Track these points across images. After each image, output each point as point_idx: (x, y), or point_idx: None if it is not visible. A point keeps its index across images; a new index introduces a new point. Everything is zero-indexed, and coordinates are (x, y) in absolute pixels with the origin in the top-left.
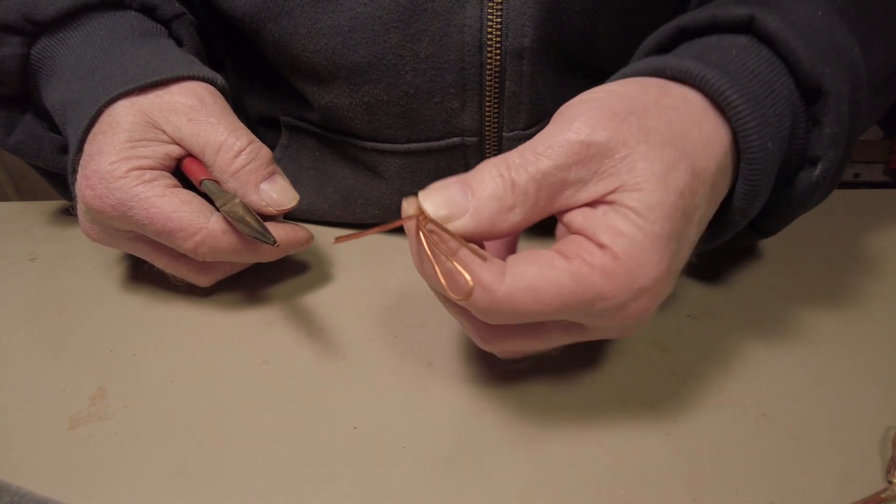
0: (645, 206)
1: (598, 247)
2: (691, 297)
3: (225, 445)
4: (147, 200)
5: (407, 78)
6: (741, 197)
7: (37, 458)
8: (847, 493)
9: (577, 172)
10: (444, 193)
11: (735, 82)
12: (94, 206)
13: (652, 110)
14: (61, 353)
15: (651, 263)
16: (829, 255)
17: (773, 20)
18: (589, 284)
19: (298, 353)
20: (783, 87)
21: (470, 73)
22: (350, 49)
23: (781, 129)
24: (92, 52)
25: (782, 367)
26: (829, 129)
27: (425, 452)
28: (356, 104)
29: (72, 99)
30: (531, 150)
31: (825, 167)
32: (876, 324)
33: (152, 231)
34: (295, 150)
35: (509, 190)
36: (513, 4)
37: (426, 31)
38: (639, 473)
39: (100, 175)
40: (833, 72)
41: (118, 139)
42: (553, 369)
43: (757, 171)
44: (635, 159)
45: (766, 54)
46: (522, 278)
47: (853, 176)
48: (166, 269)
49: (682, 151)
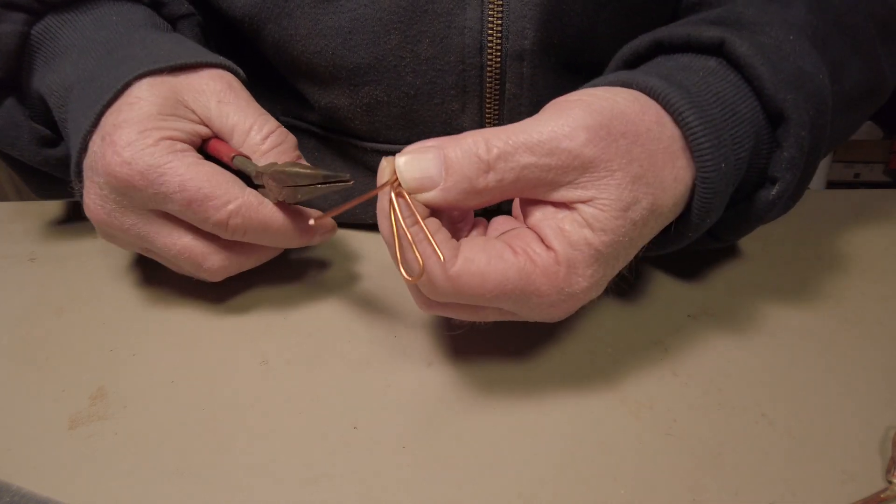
0: (601, 226)
1: (546, 248)
2: (691, 297)
3: (225, 445)
4: (180, 167)
5: (407, 79)
6: (695, 212)
7: (37, 458)
8: (847, 493)
9: (556, 176)
10: (420, 164)
11: (695, 104)
12: (120, 173)
13: (642, 138)
14: (61, 353)
15: (586, 275)
16: (830, 255)
17: (742, 45)
18: (530, 281)
19: (298, 353)
20: (747, 109)
21: (470, 74)
22: (350, 50)
23: (741, 150)
24: (106, 34)
25: (782, 367)
26: (788, 153)
27: (425, 452)
28: (356, 105)
29: (82, 78)
30: (516, 139)
31: (782, 188)
32: (876, 324)
33: (181, 200)
34: None
35: (482, 175)
36: (513, 6)
37: (426, 32)
38: (639, 473)
39: (128, 141)
40: (796, 98)
41: (147, 111)
42: (553, 369)
43: (710, 189)
44: (610, 183)
45: (733, 78)
46: (472, 263)
47: (853, 176)
48: (175, 259)
49: (651, 188)
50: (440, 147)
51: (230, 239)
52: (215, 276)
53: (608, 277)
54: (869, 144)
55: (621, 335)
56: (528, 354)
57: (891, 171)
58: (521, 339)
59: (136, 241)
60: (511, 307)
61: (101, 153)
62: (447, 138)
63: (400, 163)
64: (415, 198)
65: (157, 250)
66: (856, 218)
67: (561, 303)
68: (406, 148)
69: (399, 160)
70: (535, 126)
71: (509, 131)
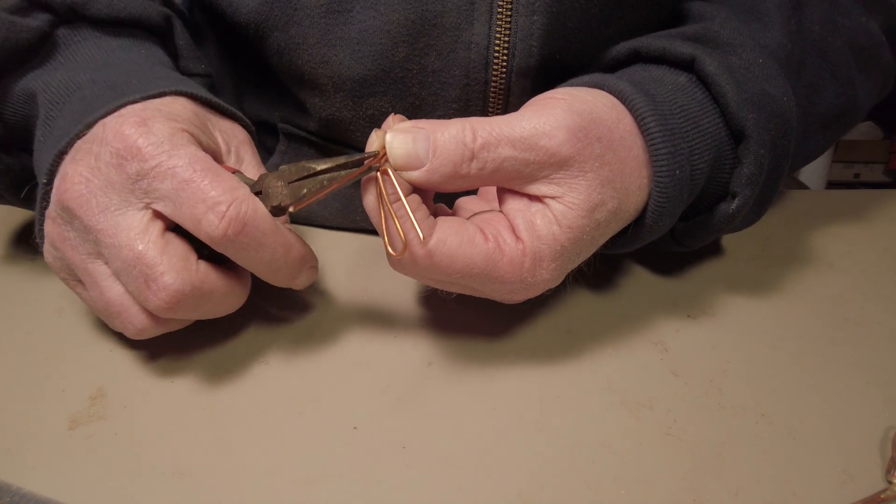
0: (567, 223)
1: (516, 238)
2: (691, 297)
3: (225, 445)
4: (194, 150)
5: (413, 90)
6: (649, 215)
7: (37, 458)
8: (847, 493)
9: (533, 170)
10: (409, 144)
11: (657, 113)
12: (131, 134)
13: (615, 144)
14: (61, 353)
15: (549, 269)
16: (829, 255)
17: (711, 63)
18: (495, 266)
19: (298, 353)
20: (709, 124)
21: (474, 90)
22: (358, 61)
23: (699, 161)
24: (133, 58)
25: (782, 367)
26: (748, 170)
27: (425, 452)
28: (359, 117)
29: (101, 82)
30: (500, 132)
31: (741, 202)
32: (875, 324)
33: (184, 176)
34: (293, 157)
35: (467, 161)
36: (521, 24)
37: (434, 45)
38: (639, 473)
39: (153, 118)
40: (758, 118)
41: (178, 112)
42: (553, 370)
43: (663, 194)
44: (581, 183)
45: (700, 95)
46: (444, 245)
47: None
48: (102, 303)
49: (617, 192)
50: (430, 129)
51: (218, 240)
52: (137, 333)
53: (567, 270)
54: (869, 144)
55: (621, 335)
56: (528, 354)
57: (891, 171)
58: (521, 339)
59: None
60: (474, 286)
61: (116, 123)
62: (436, 121)
63: (390, 138)
64: (399, 175)
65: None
66: (856, 218)
67: (521, 290)
68: (397, 125)
69: (389, 135)
70: (518, 121)
71: (494, 123)
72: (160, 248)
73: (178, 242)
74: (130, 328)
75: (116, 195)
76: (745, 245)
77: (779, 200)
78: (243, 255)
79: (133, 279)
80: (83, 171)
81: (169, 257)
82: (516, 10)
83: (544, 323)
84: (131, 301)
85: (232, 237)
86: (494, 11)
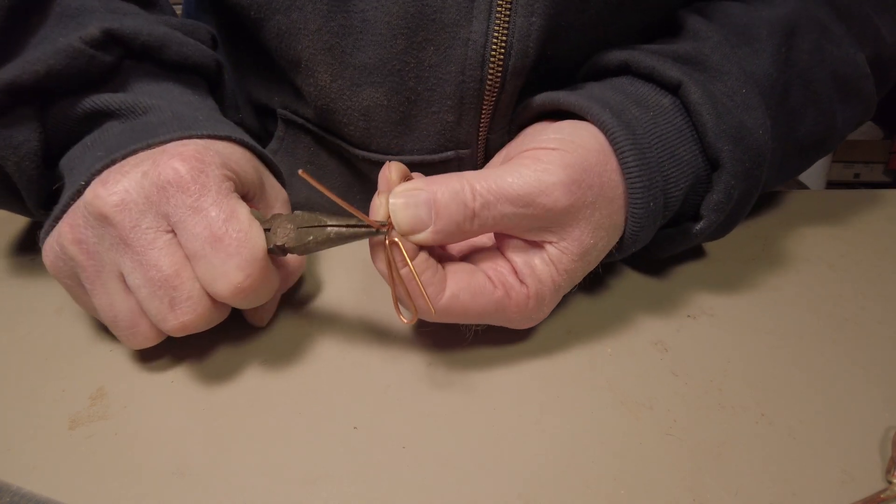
0: (563, 267)
1: (520, 282)
2: (691, 297)
3: (225, 445)
4: (236, 208)
5: (409, 84)
6: (625, 241)
7: (37, 458)
8: (847, 493)
9: (531, 223)
10: (412, 210)
11: (636, 146)
12: (176, 166)
13: (605, 188)
14: (61, 353)
15: (549, 305)
16: (829, 255)
17: (695, 92)
18: (504, 310)
19: (298, 353)
20: (686, 153)
21: (469, 86)
22: (358, 49)
23: (675, 189)
24: (190, 98)
25: (782, 367)
26: (717, 197)
27: (425, 452)
28: (353, 108)
29: (168, 109)
30: (499, 191)
31: (705, 225)
32: (876, 324)
33: (214, 232)
34: (291, 142)
35: (469, 219)
36: (519, 25)
37: (432, 40)
38: (639, 473)
39: (210, 162)
40: (733, 150)
41: (231, 162)
42: (553, 370)
43: (638, 224)
44: (575, 232)
45: (679, 122)
46: (457, 300)
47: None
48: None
49: (607, 231)
50: (429, 190)
51: (221, 299)
52: (138, 344)
53: (561, 296)
54: (869, 144)
55: (621, 335)
56: (528, 354)
57: (891, 171)
58: (521, 339)
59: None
60: (485, 322)
61: (176, 151)
62: (432, 180)
63: (392, 206)
64: (406, 239)
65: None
66: (856, 218)
67: (526, 322)
68: (396, 189)
69: (392, 202)
70: (515, 178)
71: (491, 181)
72: (188, 275)
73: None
74: (134, 340)
75: (151, 215)
76: (745, 245)
77: (779, 200)
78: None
79: (156, 299)
80: (125, 183)
81: (193, 283)
82: (515, 10)
83: (544, 323)
84: (141, 315)
85: (235, 301)
86: (493, 10)
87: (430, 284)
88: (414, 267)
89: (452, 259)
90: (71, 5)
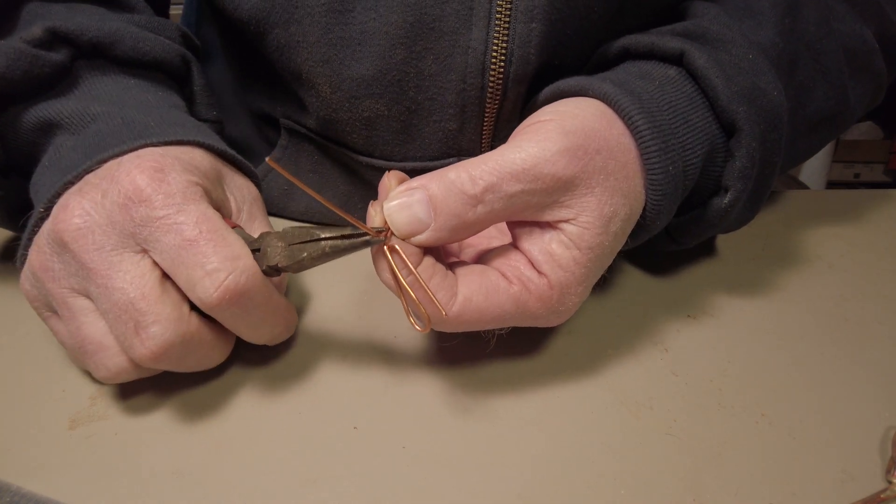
0: (587, 245)
1: (538, 273)
2: (691, 297)
3: (225, 445)
4: (204, 208)
5: (410, 94)
6: (648, 214)
7: (37, 458)
8: (847, 493)
9: (542, 199)
10: (407, 210)
11: (644, 110)
12: (140, 179)
13: (614, 151)
14: (61, 353)
15: (577, 293)
16: (829, 255)
17: (700, 57)
18: (525, 306)
19: (298, 354)
20: (699, 118)
21: (470, 95)
22: (357, 61)
23: (692, 156)
24: (150, 99)
25: (782, 367)
26: (740, 163)
27: (425, 452)
28: (355, 118)
29: (120, 118)
30: (501, 169)
31: (734, 196)
32: (876, 324)
33: (186, 236)
34: (293, 151)
35: (471, 208)
36: (519, 32)
37: (431, 49)
38: (639, 473)
39: (171, 167)
40: (748, 111)
41: (197, 164)
42: (553, 369)
43: (659, 191)
44: (591, 201)
45: (689, 89)
46: (471, 303)
47: (853, 176)
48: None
49: (627, 198)
50: (425, 187)
51: (209, 307)
52: (109, 376)
53: (593, 284)
54: (869, 144)
55: (621, 335)
56: (528, 354)
57: (891, 171)
58: (521, 339)
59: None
60: (508, 324)
61: (132, 165)
62: (428, 176)
63: (388, 210)
64: (408, 243)
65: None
66: (856, 218)
67: (554, 317)
68: (391, 193)
69: (388, 206)
70: (515, 153)
71: (491, 162)
72: (156, 296)
73: (173, 292)
74: (103, 370)
75: (116, 235)
76: (745, 245)
77: (779, 200)
78: (229, 319)
79: (121, 324)
80: (86, 205)
81: (163, 306)
82: (515, 16)
83: None
84: (111, 341)
85: (224, 306)
86: (493, 18)
87: (439, 290)
88: (420, 273)
89: (464, 264)
90: (37, 12)
